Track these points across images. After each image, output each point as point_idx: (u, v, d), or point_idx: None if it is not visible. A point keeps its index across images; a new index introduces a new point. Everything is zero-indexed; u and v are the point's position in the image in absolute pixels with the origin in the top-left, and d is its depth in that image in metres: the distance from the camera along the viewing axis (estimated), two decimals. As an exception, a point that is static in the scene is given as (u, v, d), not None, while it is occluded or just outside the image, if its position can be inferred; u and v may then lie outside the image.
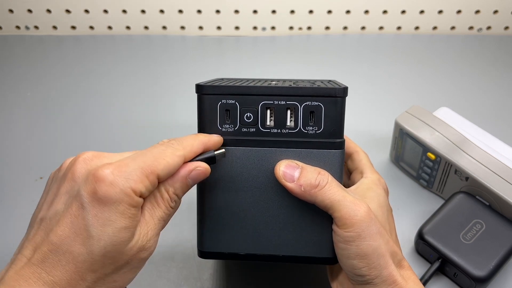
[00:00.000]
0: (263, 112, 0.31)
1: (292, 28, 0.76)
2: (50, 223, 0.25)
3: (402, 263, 0.30)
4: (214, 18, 0.75)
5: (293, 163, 0.30)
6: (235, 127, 0.31)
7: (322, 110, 0.30)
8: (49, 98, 0.64)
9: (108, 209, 0.24)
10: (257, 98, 0.30)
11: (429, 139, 0.46)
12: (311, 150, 0.31)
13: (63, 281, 0.24)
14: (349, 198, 0.29)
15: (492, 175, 0.42)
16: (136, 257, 0.26)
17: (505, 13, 0.74)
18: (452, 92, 0.64)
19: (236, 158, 0.31)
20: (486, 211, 0.41)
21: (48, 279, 0.23)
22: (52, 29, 0.77)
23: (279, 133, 0.31)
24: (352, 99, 0.63)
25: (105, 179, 0.24)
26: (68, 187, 0.26)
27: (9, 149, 0.56)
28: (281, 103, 0.30)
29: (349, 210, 0.28)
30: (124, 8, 0.74)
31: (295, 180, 0.29)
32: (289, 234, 0.32)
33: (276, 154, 0.31)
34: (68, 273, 0.24)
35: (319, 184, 0.29)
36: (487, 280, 0.37)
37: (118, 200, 0.24)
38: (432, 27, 0.76)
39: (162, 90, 0.65)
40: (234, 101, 0.30)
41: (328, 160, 0.31)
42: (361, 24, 0.76)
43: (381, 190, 0.33)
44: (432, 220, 0.41)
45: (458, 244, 0.39)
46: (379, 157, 0.53)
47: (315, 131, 0.30)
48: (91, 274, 0.24)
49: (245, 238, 0.32)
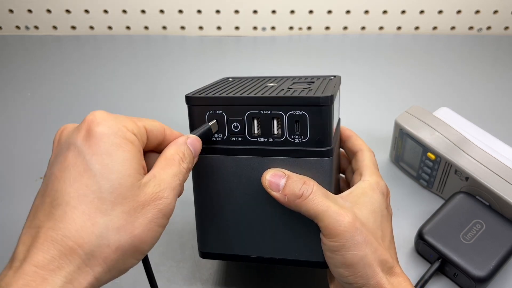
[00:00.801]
0: (249, 122, 0.31)
1: (292, 28, 0.76)
2: (49, 179, 0.25)
3: (394, 270, 0.30)
4: (214, 18, 0.75)
5: (280, 172, 0.30)
6: (224, 136, 0.31)
7: (307, 119, 0.30)
8: (49, 98, 0.64)
9: (103, 144, 0.24)
10: (243, 108, 0.31)
11: (429, 139, 0.46)
12: (298, 159, 0.31)
13: (72, 230, 0.22)
14: (333, 208, 0.29)
15: (492, 175, 0.42)
16: (151, 205, 0.25)
17: (505, 13, 0.74)
18: (452, 92, 0.64)
19: (226, 167, 0.32)
20: (486, 211, 0.41)
21: (57, 235, 0.22)
22: (52, 29, 0.77)
23: (266, 141, 0.31)
24: (352, 99, 0.63)
25: (94, 120, 0.25)
26: (57, 150, 0.26)
27: (9, 149, 0.56)
28: (266, 112, 0.30)
29: (332, 220, 0.28)
30: (124, 8, 0.74)
31: (280, 190, 0.30)
32: (282, 238, 0.32)
33: (264, 162, 0.31)
34: (77, 218, 0.23)
35: (303, 194, 0.29)
36: (487, 280, 0.37)
37: (112, 133, 0.25)
38: (432, 27, 0.76)
39: (162, 90, 0.65)
40: (221, 111, 0.31)
41: (315, 168, 0.31)
42: (361, 24, 0.76)
43: (377, 195, 0.33)
44: (432, 220, 0.41)
45: (458, 244, 0.39)
46: (379, 157, 0.53)
47: (301, 140, 0.30)
48: (103, 217, 0.23)
49: (241, 241, 0.33)
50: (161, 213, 0.26)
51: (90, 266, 0.23)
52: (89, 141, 0.24)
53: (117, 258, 0.23)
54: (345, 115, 0.60)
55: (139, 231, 0.24)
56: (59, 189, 0.24)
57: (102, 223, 0.23)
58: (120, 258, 0.24)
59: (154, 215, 0.25)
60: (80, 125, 0.25)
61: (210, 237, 0.34)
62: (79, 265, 0.22)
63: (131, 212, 0.24)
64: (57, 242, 0.22)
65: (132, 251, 0.24)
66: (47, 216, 0.23)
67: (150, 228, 0.25)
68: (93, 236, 0.23)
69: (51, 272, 0.21)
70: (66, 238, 0.22)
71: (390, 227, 0.33)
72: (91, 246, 0.23)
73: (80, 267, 0.22)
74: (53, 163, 0.25)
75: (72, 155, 0.24)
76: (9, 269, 0.22)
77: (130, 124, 0.26)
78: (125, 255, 0.24)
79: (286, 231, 0.32)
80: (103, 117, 0.25)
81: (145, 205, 0.25)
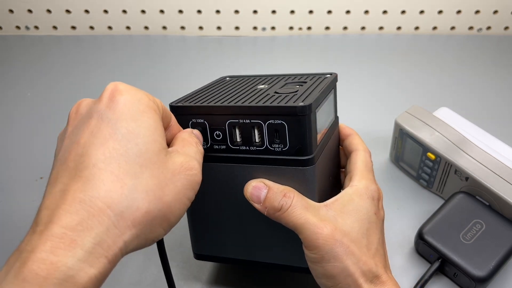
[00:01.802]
0: (230, 130, 0.31)
1: (292, 28, 0.76)
2: (70, 147, 0.24)
3: (380, 279, 0.30)
4: (214, 18, 0.75)
5: (261, 184, 0.30)
6: (207, 144, 0.32)
7: (286, 128, 0.30)
8: (49, 98, 0.64)
9: (128, 110, 0.24)
10: (223, 117, 0.31)
11: (429, 139, 0.46)
12: (279, 167, 0.31)
13: (101, 191, 0.22)
14: (311, 220, 0.29)
15: (492, 175, 0.42)
16: (182, 174, 0.25)
17: (505, 13, 0.74)
18: (452, 92, 0.64)
19: (210, 174, 0.32)
20: (486, 211, 0.41)
21: (85, 196, 0.21)
22: (52, 29, 0.77)
23: (247, 150, 0.31)
24: (353, 99, 0.63)
25: (116, 89, 0.24)
26: (75, 121, 0.25)
27: (9, 149, 0.56)
28: (246, 121, 0.30)
29: (310, 233, 0.29)
30: (124, 8, 0.74)
31: (261, 202, 0.30)
32: (267, 244, 0.33)
33: (246, 170, 0.31)
34: (105, 179, 0.22)
35: (282, 207, 0.29)
36: (487, 280, 0.37)
37: (136, 100, 0.24)
38: (432, 27, 0.76)
39: (162, 90, 0.65)
40: (203, 120, 0.31)
41: (296, 177, 0.31)
42: (361, 24, 0.76)
43: (364, 201, 0.32)
44: (432, 220, 0.41)
45: (458, 244, 0.39)
46: (379, 157, 0.53)
47: (281, 149, 0.30)
48: (132, 179, 0.22)
49: (230, 245, 0.35)
50: (190, 184, 0.25)
51: (119, 228, 0.22)
52: (114, 108, 0.24)
53: (146, 223, 0.23)
54: (345, 115, 0.60)
55: (168, 198, 0.24)
56: (84, 153, 0.23)
57: (132, 185, 0.22)
58: (148, 224, 0.23)
59: (183, 185, 0.25)
60: (101, 95, 0.25)
61: (202, 240, 0.36)
62: (108, 227, 0.21)
63: (161, 177, 0.24)
64: (85, 203, 0.21)
65: (160, 218, 0.23)
66: (73, 179, 0.22)
67: (179, 198, 0.24)
68: (123, 196, 0.22)
69: (80, 233, 0.20)
70: (95, 198, 0.21)
71: (379, 233, 0.32)
72: (120, 207, 0.22)
73: (109, 228, 0.21)
74: (72, 133, 0.25)
75: (95, 122, 0.24)
76: (33, 234, 0.21)
77: (150, 96, 0.26)
78: (154, 221, 0.23)
79: (271, 237, 0.33)
80: (124, 87, 0.25)
81: (175, 173, 0.24)
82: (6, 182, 0.51)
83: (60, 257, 0.20)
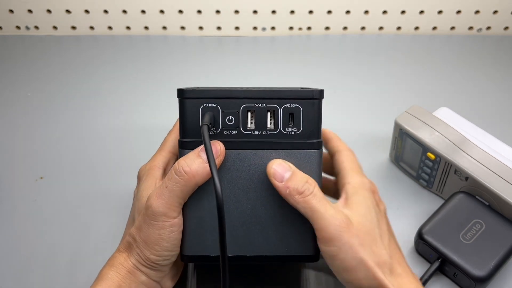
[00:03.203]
0: (244, 115, 0.31)
1: (292, 28, 0.76)
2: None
3: (396, 271, 0.30)
4: (214, 18, 0.75)
5: (286, 165, 0.31)
6: (217, 130, 0.32)
7: (301, 111, 0.31)
8: (49, 98, 0.64)
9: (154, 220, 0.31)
10: (238, 101, 0.31)
11: (429, 139, 0.46)
12: (291, 151, 0.32)
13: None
14: (330, 211, 0.29)
15: (492, 175, 0.42)
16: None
17: (505, 13, 0.74)
18: (452, 92, 0.64)
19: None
20: (486, 211, 0.41)
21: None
22: (52, 29, 0.77)
23: (260, 135, 0.32)
24: (352, 99, 0.63)
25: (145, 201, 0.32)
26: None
27: (9, 149, 0.56)
28: (261, 105, 0.31)
29: (327, 223, 0.29)
30: (124, 8, 0.74)
31: (283, 181, 0.30)
32: (272, 234, 0.32)
33: (257, 156, 0.32)
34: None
35: (304, 192, 0.29)
36: (487, 280, 0.37)
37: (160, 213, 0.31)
38: (432, 27, 0.76)
39: (162, 90, 0.65)
40: (215, 104, 0.31)
41: (306, 159, 0.32)
42: (361, 24, 0.76)
43: (368, 193, 0.33)
44: (432, 220, 0.41)
45: (458, 244, 0.39)
46: (379, 157, 0.53)
47: (294, 132, 0.32)
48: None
49: (230, 240, 0.32)
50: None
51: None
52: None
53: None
54: (345, 115, 0.60)
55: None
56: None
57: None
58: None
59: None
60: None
61: (196, 238, 0.32)
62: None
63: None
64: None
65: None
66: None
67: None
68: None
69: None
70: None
71: (386, 223, 0.33)
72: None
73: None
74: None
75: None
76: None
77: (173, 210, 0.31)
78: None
79: (276, 226, 0.32)
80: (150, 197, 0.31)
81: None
82: (6, 182, 0.51)
83: None
